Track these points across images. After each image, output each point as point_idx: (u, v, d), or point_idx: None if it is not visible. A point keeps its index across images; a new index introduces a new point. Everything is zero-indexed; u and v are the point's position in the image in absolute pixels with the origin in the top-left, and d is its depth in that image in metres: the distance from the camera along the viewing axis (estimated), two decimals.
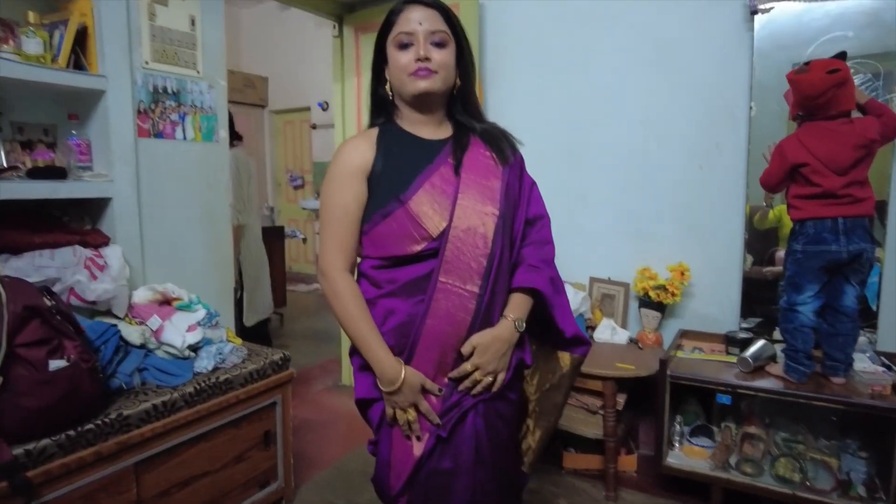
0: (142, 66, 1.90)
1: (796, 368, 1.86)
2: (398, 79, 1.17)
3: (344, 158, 1.19)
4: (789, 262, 1.91)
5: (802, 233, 1.86)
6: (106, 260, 1.78)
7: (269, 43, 6.34)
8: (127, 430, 1.54)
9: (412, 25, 1.14)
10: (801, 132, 1.86)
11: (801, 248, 1.85)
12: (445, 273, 1.13)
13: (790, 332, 1.89)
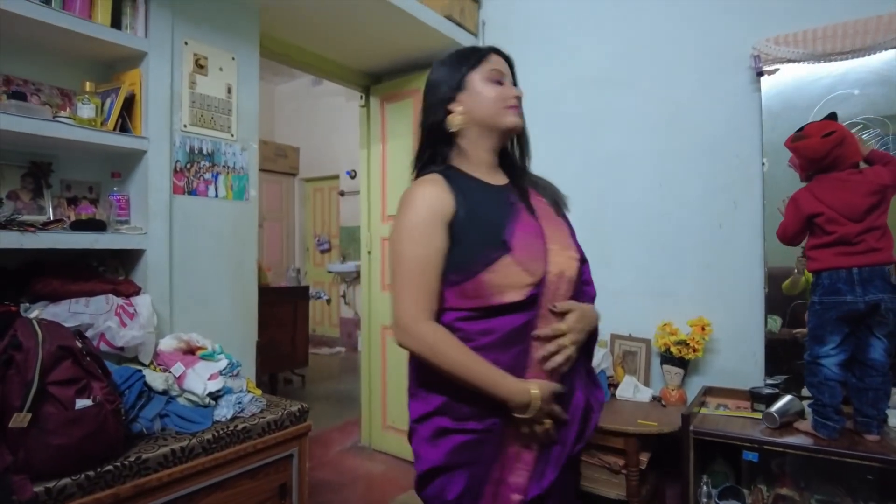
0: (181, 129, 2.05)
1: (825, 424, 1.79)
2: (488, 110, 1.19)
3: (425, 205, 1.11)
4: (810, 315, 1.89)
5: (819, 284, 1.84)
6: (136, 308, 1.86)
7: (301, 115, 6.72)
8: (145, 474, 1.55)
9: (503, 68, 1.23)
10: (813, 185, 1.88)
11: (819, 300, 1.83)
12: (541, 321, 1.10)
13: (815, 387, 1.84)
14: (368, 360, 3.26)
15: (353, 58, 3.04)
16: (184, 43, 2.05)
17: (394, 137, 3.15)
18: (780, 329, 2.26)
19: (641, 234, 2.56)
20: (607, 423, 2.09)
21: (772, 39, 2.21)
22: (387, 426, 3.16)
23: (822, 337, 1.82)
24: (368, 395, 3.26)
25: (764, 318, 2.26)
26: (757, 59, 2.25)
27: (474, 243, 1.10)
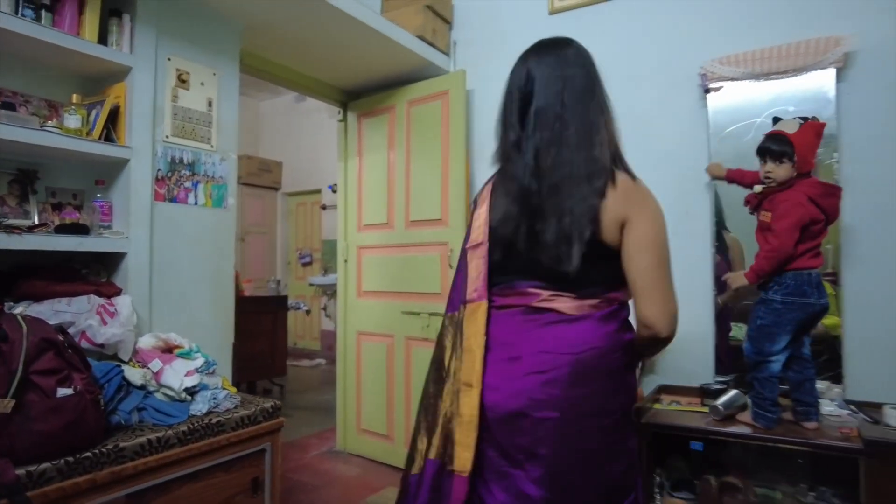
0: (163, 139, 2.17)
1: (765, 416, 1.92)
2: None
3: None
4: (765, 313, 1.92)
5: (781, 283, 1.90)
6: (117, 308, 1.96)
7: (285, 131, 6.86)
8: (122, 462, 1.63)
9: None
10: (801, 190, 1.89)
11: (782, 300, 1.88)
12: None
13: (760, 382, 1.94)
14: (344, 365, 3.35)
15: (331, 75, 3.19)
16: (167, 59, 2.18)
17: (370, 151, 3.29)
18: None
19: None
20: None
21: (717, 60, 2.39)
22: (361, 430, 3.24)
23: (775, 335, 1.89)
24: (343, 400, 3.35)
25: (713, 320, 2.41)
26: (704, 78, 2.43)
27: None
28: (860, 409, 2.04)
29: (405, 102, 3.09)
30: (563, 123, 1.21)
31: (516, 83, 1.31)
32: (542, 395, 1.15)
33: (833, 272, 2.21)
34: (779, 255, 1.88)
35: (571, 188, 1.17)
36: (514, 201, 1.23)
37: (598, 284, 1.20)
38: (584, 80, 1.27)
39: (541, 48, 1.33)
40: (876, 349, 2.15)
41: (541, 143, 1.21)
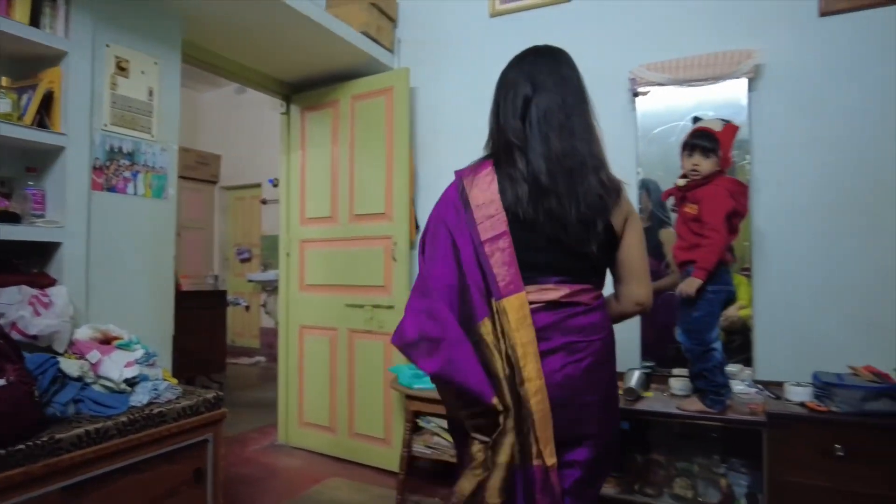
0: (101, 128, 2.13)
1: (721, 401, 2.00)
2: None
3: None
4: (701, 304, 2.00)
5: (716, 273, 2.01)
6: (51, 298, 1.91)
7: (225, 124, 6.70)
8: (58, 454, 1.60)
9: None
10: (723, 185, 2.04)
11: (713, 289, 2.01)
12: None
13: (710, 371, 2.01)
14: (286, 358, 3.35)
15: (274, 68, 3.18)
16: (105, 45, 2.13)
17: (314, 145, 3.30)
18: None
19: None
20: None
21: (645, 66, 2.57)
22: (304, 423, 3.25)
23: (712, 324, 2.01)
24: (286, 394, 3.35)
25: None
26: (634, 82, 2.61)
27: None
28: (766, 387, 2.25)
29: (349, 97, 3.12)
30: (569, 117, 1.32)
31: (516, 81, 1.40)
32: (581, 382, 1.27)
33: (747, 267, 2.42)
34: (722, 247, 1.99)
35: (583, 175, 1.28)
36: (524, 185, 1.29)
37: (601, 275, 1.37)
38: (579, 83, 1.40)
39: (537, 52, 1.45)
40: (781, 335, 2.38)
41: (551, 133, 1.30)
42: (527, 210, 1.28)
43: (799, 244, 2.38)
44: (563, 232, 1.27)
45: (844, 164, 2.32)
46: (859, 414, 1.84)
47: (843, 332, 2.29)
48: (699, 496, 2.06)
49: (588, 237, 1.27)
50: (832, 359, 2.19)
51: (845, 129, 2.32)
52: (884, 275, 2.24)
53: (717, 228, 1.99)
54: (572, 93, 1.36)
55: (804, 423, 1.88)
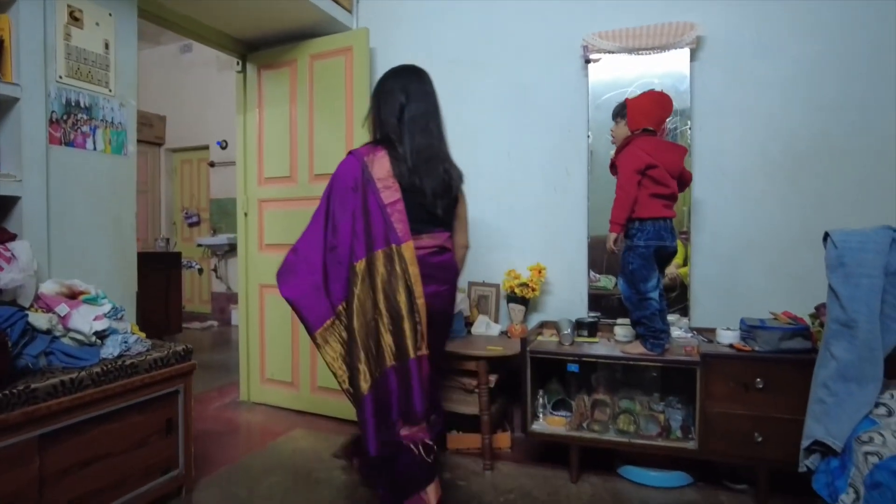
0: (56, 79, 2.08)
1: (660, 344, 2.21)
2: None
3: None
4: (633, 257, 2.20)
5: (643, 230, 2.19)
6: (14, 253, 1.89)
7: (168, 83, 6.44)
8: (34, 402, 1.64)
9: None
10: (637, 144, 2.20)
11: (645, 244, 2.19)
12: None
13: (648, 318, 2.21)
14: (246, 317, 3.39)
15: (230, 25, 3.12)
16: None
17: (270, 105, 3.29)
18: (614, 286, 2.78)
19: (493, 196, 2.98)
20: (462, 349, 2.48)
21: (597, 34, 2.70)
22: (265, 379, 3.32)
23: (647, 276, 2.21)
24: (247, 352, 3.40)
25: (587, 265, 2.78)
26: (586, 49, 2.73)
27: None
28: (700, 333, 2.49)
29: (308, 57, 3.12)
30: (428, 123, 1.90)
31: (393, 90, 1.91)
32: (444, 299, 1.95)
33: (685, 231, 2.64)
34: (623, 201, 2.19)
35: (436, 164, 1.88)
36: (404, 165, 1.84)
37: (450, 229, 1.98)
38: (436, 98, 1.97)
39: (410, 71, 1.99)
40: (713, 288, 2.62)
41: (416, 132, 1.87)
42: (407, 183, 1.82)
43: (729, 206, 2.61)
44: (424, 199, 1.85)
45: (771, 133, 2.55)
46: (777, 351, 2.09)
47: (765, 283, 2.55)
48: (640, 430, 2.28)
49: (437, 204, 1.88)
50: (757, 307, 2.44)
51: (773, 101, 2.54)
52: (800, 233, 2.50)
53: (621, 186, 2.21)
54: (432, 105, 1.94)
55: (731, 361, 2.12)
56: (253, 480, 2.37)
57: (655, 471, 2.29)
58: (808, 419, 1.59)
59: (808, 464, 1.55)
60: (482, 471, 2.44)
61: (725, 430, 2.10)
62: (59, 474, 1.73)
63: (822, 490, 1.46)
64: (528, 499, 2.19)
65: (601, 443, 2.30)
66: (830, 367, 1.55)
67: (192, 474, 2.24)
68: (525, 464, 2.52)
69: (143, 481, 2.02)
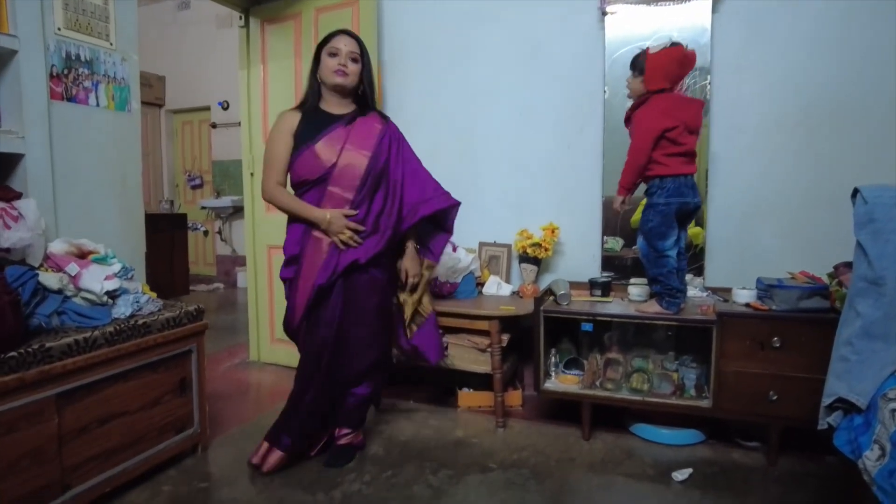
0: (54, 31, 2.00)
1: (675, 303, 2.19)
2: (326, 74, 2.01)
3: (279, 123, 2.04)
4: (653, 215, 2.15)
5: (663, 187, 2.14)
6: (21, 211, 1.85)
7: (166, 43, 6.27)
8: (49, 361, 1.63)
9: (339, 45, 2.00)
10: (655, 105, 2.13)
11: (665, 201, 2.14)
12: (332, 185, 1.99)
13: (664, 276, 2.18)
14: (255, 278, 3.37)
15: None
16: None
17: (275, 60, 3.19)
18: (620, 249, 2.74)
19: (504, 156, 2.92)
20: (474, 309, 2.47)
21: None
22: (275, 339, 3.33)
23: (665, 233, 2.16)
24: (256, 313, 3.39)
25: (601, 225, 2.74)
26: (602, 1, 2.63)
27: (299, 142, 2.00)
28: (715, 292, 2.47)
29: (313, 10, 3.01)
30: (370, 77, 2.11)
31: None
32: None
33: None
34: (634, 166, 2.15)
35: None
36: None
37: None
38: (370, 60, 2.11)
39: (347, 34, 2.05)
40: (729, 248, 2.58)
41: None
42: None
43: (746, 164, 2.55)
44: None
45: (791, 90, 2.47)
46: (795, 311, 2.06)
47: (781, 243, 2.51)
48: (653, 389, 2.28)
49: None
50: (773, 267, 2.40)
51: (796, 56, 2.44)
52: (818, 191, 2.44)
53: (635, 150, 2.16)
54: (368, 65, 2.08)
55: (748, 320, 2.10)
56: None
57: (668, 429, 2.30)
58: (830, 377, 1.58)
59: (830, 421, 1.54)
60: (494, 428, 2.45)
61: (740, 389, 2.10)
62: (77, 432, 1.73)
63: (844, 447, 1.45)
64: (542, 455, 2.20)
65: (614, 401, 2.30)
66: (855, 324, 1.52)
67: (207, 433, 2.25)
68: (537, 421, 2.53)
69: (160, 439, 2.04)
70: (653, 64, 2.17)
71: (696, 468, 2.07)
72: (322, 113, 2.04)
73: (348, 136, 2.00)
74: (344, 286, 2.00)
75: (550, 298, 2.48)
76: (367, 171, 1.99)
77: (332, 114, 2.04)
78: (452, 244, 2.79)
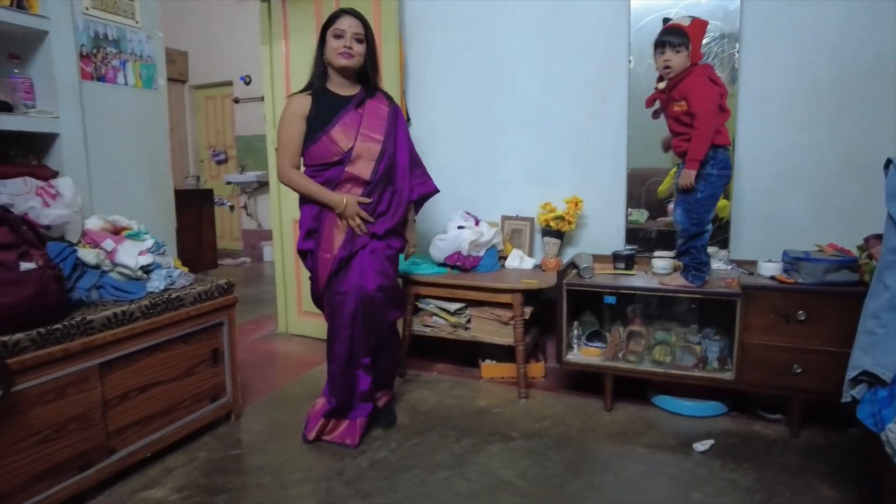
0: (83, 11, 2.03)
1: (701, 277, 2.19)
2: (331, 55, 2.01)
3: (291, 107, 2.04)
4: (703, 186, 2.10)
5: (716, 158, 2.08)
6: (58, 189, 1.92)
7: (187, 17, 6.28)
8: (91, 333, 1.70)
9: (344, 26, 1.98)
10: (705, 73, 2.09)
11: (718, 173, 2.10)
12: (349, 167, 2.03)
13: (698, 250, 2.16)
14: (281, 251, 3.44)
15: None
16: None
17: (296, 32, 3.19)
18: (645, 221, 2.72)
19: (526, 126, 2.90)
20: (497, 283, 2.49)
21: None
22: (302, 312, 3.41)
23: (711, 206, 2.13)
24: (283, 285, 3.47)
25: (626, 198, 2.72)
26: None
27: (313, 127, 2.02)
28: (740, 265, 2.45)
29: None
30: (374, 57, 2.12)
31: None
32: None
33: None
34: (707, 135, 2.06)
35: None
36: None
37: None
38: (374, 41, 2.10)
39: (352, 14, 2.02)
40: (754, 220, 2.55)
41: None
42: None
43: (775, 133, 2.50)
44: None
45: (824, 56, 2.39)
46: (822, 284, 2.04)
47: (809, 215, 2.47)
48: (676, 361, 2.30)
49: None
50: (800, 239, 2.37)
51: (829, 20, 2.36)
52: (845, 163, 2.39)
53: (706, 120, 2.06)
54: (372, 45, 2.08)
55: (772, 292, 2.08)
56: (295, 406, 2.46)
57: (690, 400, 2.31)
58: (856, 350, 1.57)
59: (854, 394, 1.54)
60: (517, 399, 2.50)
61: (763, 362, 2.10)
62: (118, 399, 1.82)
63: (868, 419, 1.45)
64: (564, 425, 2.24)
65: (637, 373, 2.32)
66: (883, 297, 1.51)
67: (240, 402, 2.34)
68: (559, 392, 2.57)
69: (194, 407, 2.12)
70: (697, 36, 2.11)
71: (718, 439, 2.09)
72: (331, 94, 2.07)
73: (361, 119, 2.05)
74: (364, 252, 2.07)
75: (573, 272, 2.49)
76: (381, 154, 2.06)
77: (342, 95, 2.07)
78: (475, 218, 2.81)
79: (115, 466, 1.81)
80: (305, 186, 2.03)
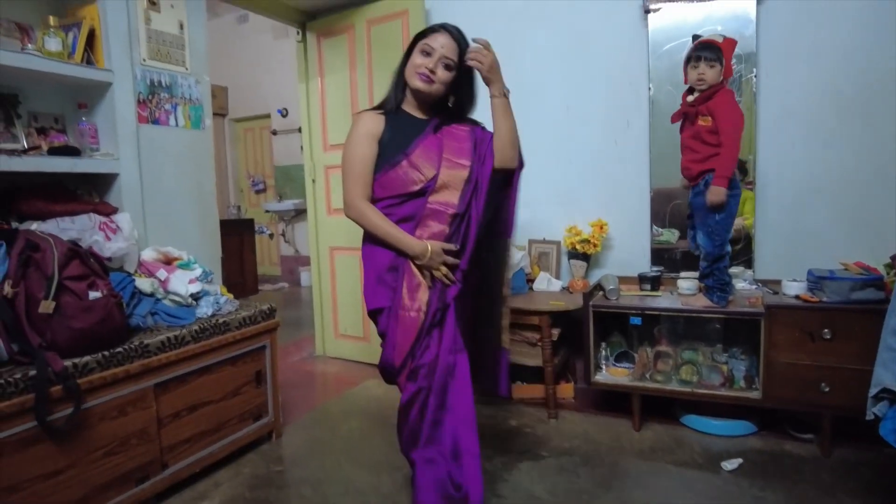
0: (140, 62, 2.24)
1: (725, 297, 2.24)
2: (409, 71, 1.66)
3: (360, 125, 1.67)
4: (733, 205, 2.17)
5: (733, 178, 2.14)
6: (118, 224, 2.10)
7: (227, 54, 6.64)
8: (147, 356, 1.86)
9: (435, 45, 1.63)
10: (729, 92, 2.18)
11: (732, 193, 2.16)
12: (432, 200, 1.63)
13: (721, 271, 2.22)
14: (319, 277, 3.59)
15: None
16: None
17: (331, 72, 3.38)
18: (677, 240, 2.77)
19: (552, 151, 3.00)
20: (525, 305, 2.57)
21: None
22: (339, 334, 3.54)
23: (730, 226, 2.18)
24: (321, 310, 3.61)
25: (650, 219, 2.78)
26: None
27: (388, 151, 1.64)
28: (765, 284, 2.48)
29: (364, 22, 3.18)
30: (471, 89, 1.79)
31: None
32: None
33: (751, 181, 2.59)
34: (737, 153, 2.11)
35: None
36: None
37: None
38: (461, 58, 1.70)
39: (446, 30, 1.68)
40: (779, 238, 2.58)
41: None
42: None
43: (796, 151, 2.53)
44: None
45: (843, 71, 2.43)
46: (847, 302, 2.06)
47: (834, 232, 2.49)
48: (703, 380, 2.33)
49: None
50: (825, 258, 2.38)
51: (847, 35, 2.41)
52: (871, 178, 2.41)
53: (735, 138, 2.11)
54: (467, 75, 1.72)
55: (796, 311, 2.11)
56: (334, 425, 2.58)
57: (718, 419, 2.34)
58: (877, 367, 1.60)
59: (876, 411, 1.57)
60: (547, 419, 2.55)
61: (790, 379, 2.12)
62: (171, 417, 1.96)
63: (889, 436, 1.48)
64: (593, 443, 2.29)
65: (665, 392, 2.36)
66: None
67: (281, 421, 2.47)
68: (588, 412, 2.62)
69: (239, 426, 2.25)
70: (729, 53, 2.17)
71: (747, 458, 2.11)
72: (406, 115, 1.71)
73: (442, 143, 1.67)
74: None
75: (600, 293, 2.56)
76: (468, 181, 1.66)
77: (419, 118, 1.72)
78: None
79: (168, 480, 1.94)
80: (381, 227, 1.61)
